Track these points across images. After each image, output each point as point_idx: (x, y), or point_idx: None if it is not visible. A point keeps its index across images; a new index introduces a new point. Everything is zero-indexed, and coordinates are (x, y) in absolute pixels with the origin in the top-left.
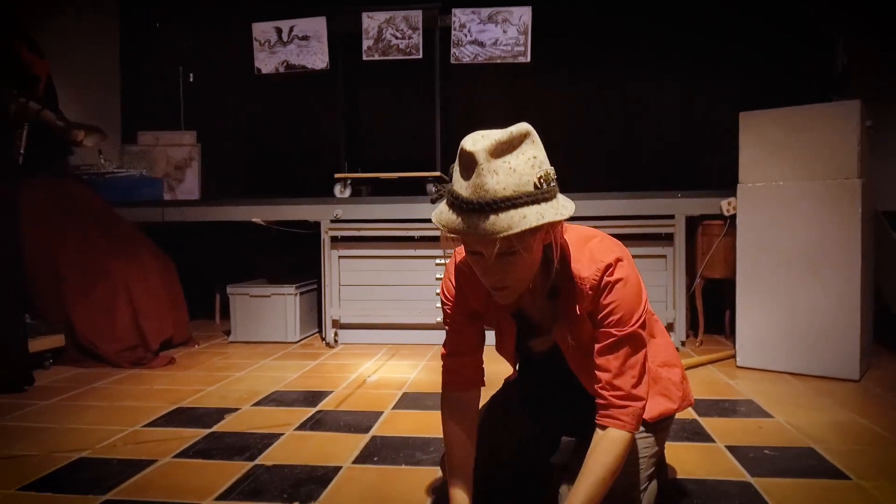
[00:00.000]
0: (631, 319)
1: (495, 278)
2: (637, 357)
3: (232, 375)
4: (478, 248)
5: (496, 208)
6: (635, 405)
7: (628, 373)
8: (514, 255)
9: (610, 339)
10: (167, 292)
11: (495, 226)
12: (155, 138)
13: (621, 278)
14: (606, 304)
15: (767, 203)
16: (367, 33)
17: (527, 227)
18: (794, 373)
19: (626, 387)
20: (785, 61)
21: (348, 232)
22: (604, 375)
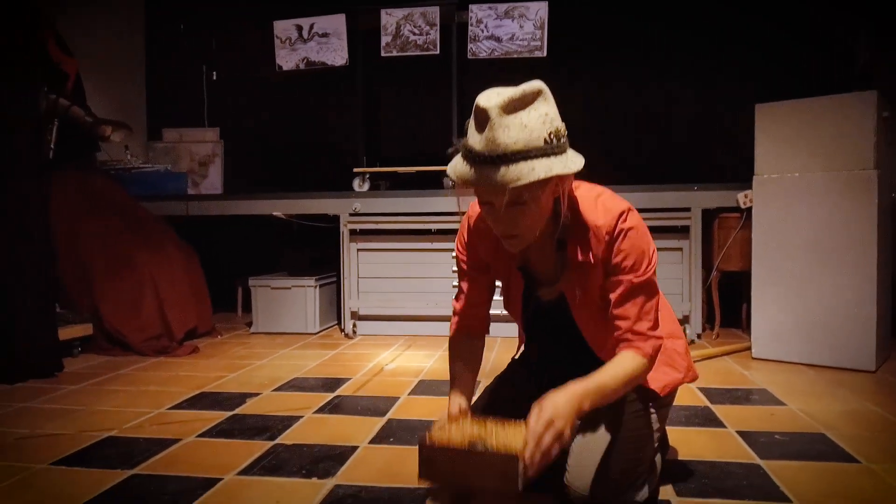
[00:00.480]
0: (645, 265)
1: (505, 227)
2: (652, 303)
3: (253, 363)
4: (489, 198)
5: (507, 160)
6: (655, 341)
7: (646, 318)
8: (523, 205)
9: (625, 287)
10: (191, 284)
11: (505, 177)
12: (179, 135)
13: (634, 226)
14: (622, 250)
15: (783, 194)
16: (386, 30)
17: (535, 178)
18: (810, 364)
19: (644, 329)
20: (805, 54)
21: (367, 225)
22: (623, 323)
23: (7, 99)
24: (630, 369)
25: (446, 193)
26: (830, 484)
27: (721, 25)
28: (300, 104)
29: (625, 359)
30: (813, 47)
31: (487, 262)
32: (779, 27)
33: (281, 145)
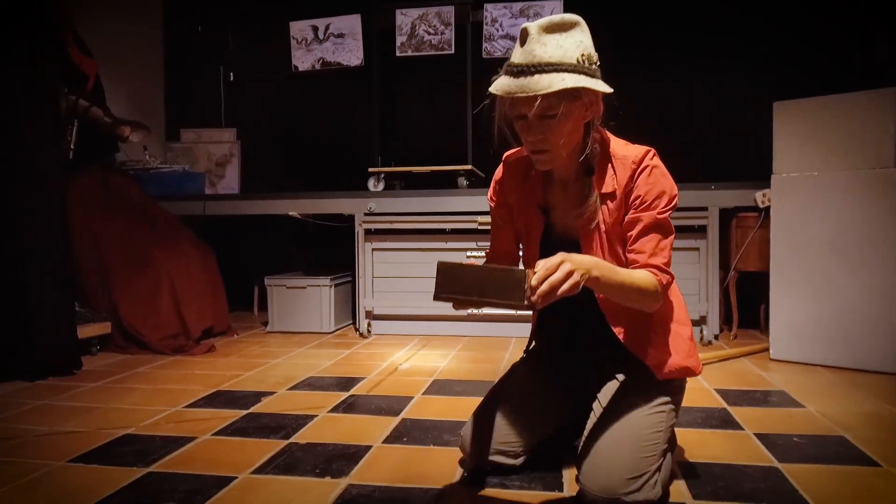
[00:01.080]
0: (664, 204)
1: (536, 139)
2: (667, 241)
3: (269, 362)
4: (524, 109)
5: (540, 70)
6: (668, 276)
7: (661, 254)
8: (553, 118)
9: (644, 224)
10: (208, 282)
11: (538, 84)
12: (197, 135)
13: (659, 166)
14: (647, 184)
15: (801, 193)
16: (401, 30)
17: (564, 86)
18: (829, 365)
19: (659, 263)
20: (822, 52)
21: (381, 225)
22: (639, 257)
23: (28, 100)
24: (641, 279)
25: (461, 193)
26: (850, 487)
27: (737, 22)
28: (316, 104)
29: (638, 271)
30: (830, 44)
31: (512, 205)
32: (795, 23)
33: (297, 145)
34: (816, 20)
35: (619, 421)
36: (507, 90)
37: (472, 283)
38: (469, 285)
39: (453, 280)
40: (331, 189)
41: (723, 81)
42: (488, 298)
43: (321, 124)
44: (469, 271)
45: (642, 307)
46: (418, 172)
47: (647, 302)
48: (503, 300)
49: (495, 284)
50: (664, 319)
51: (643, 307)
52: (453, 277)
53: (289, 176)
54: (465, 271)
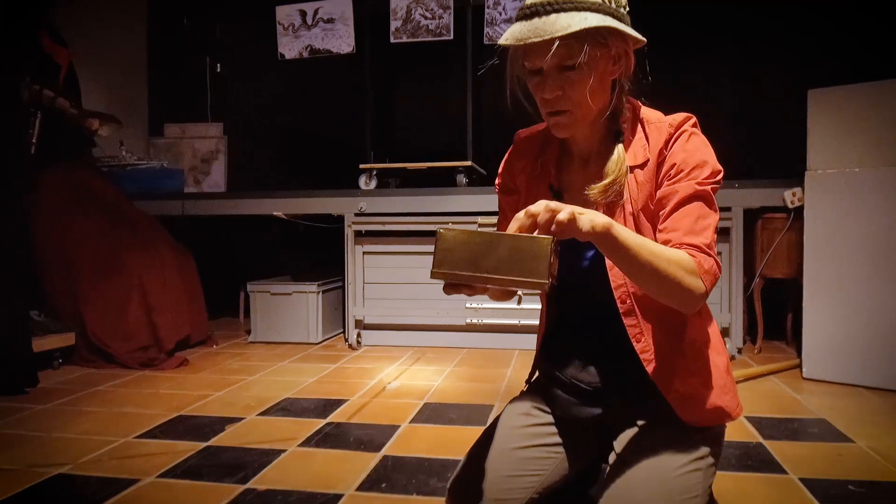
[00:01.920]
0: (707, 174)
1: (554, 95)
2: (710, 220)
3: (244, 379)
4: (537, 60)
5: (558, 8)
6: (711, 259)
7: (702, 233)
8: (574, 70)
9: (681, 196)
10: (185, 289)
11: (555, 24)
12: (181, 130)
13: (700, 134)
14: (685, 149)
15: (840, 192)
16: (395, 14)
17: (587, 25)
18: (870, 386)
19: (698, 242)
20: (858, 37)
21: (373, 226)
22: (672, 235)
23: None
24: (675, 256)
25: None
26: None
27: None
28: (307, 95)
29: (672, 248)
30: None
31: (520, 189)
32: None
33: (287, 140)
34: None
35: (643, 484)
36: (518, 37)
37: (481, 255)
38: (477, 258)
39: (457, 251)
40: (323, 186)
41: (748, 68)
42: (501, 275)
43: (312, 117)
44: (478, 240)
45: (675, 295)
46: (414, 169)
47: (684, 284)
48: (521, 276)
49: (511, 256)
50: (696, 344)
51: (677, 295)
52: (457, 248)
53: (279, 172)
54: (473, 240)
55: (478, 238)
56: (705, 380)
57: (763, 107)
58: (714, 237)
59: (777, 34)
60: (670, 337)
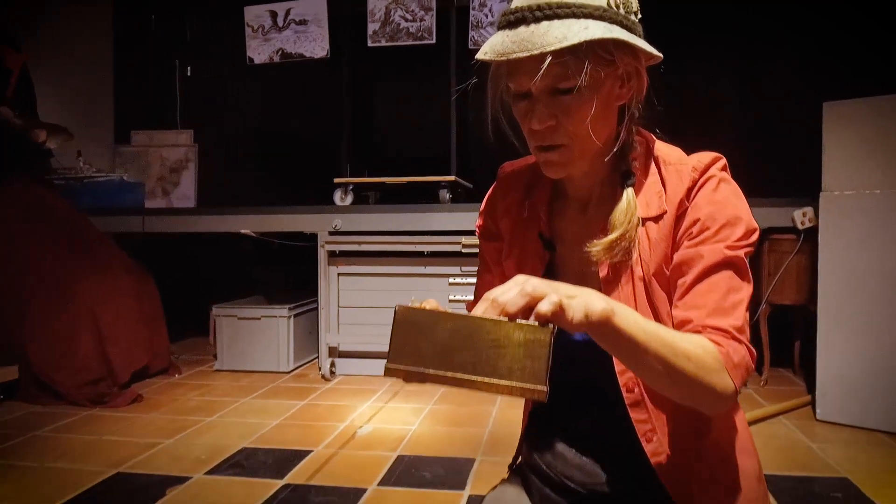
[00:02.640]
0: (740, 235)
1: (544, 126)
2: (742, 294)
3: (201, 421)
4: (523, 80)
5: (550, 14)
6: (742, 347)
7: (732, 313)
8: (571, 94)
9: (705, 263)
10: (143, 315)
11: (547, 35)
12: (149, 138)
13: (731, 182)
14: (713, 202)
15: (858, 216)
16: (373, 15)
17: (588, 37)
18: (893, 432)
19: (726, 326)
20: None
21: (348, 246)
22: (692, 314)
23: None
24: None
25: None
26: None
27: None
28: (283, 102)
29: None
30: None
31: (503, 234)
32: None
33: (261, 149)
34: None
35: None
36: (500, 50)
37: (455, 346)
38: (449, 350)
39: (422, 339)
40: (295, 201)
41: (755, 77)
42: (482, 376)
43: (287, 125)
44: (451, 325)
45: (696, 398)
46: (393, 184)
47: (706, 384)
48: (509, 380)
49: (497, 351)
50: (721, 444)
51: (698, 397)
52: (422, 334)
53: (252, 183)
54: (443, 324)
55: (450, 323)
56: (731, 488)
57: (774, 117)
58: (746, 317)
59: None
60: (689, 436)
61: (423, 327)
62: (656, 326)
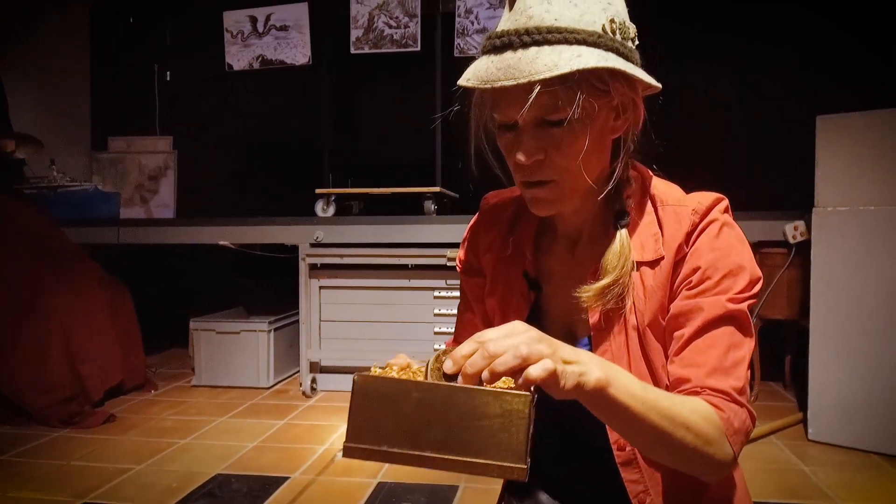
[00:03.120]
0: (742, 286)
1: (532, 161)
2: (744, 350)
3: (175, 444)
4: (509, 110)
5: (540, 40)
6: (743, 411)
7: (733, 372)
8: (561, 127)
9: (705, 316)
10: (117, 330)
11: (535, 62)
12: (127, 144)
13: (734, 226)
14: (714, 248)
15: (853, 232)
16: (356, 21)
17: (581, 66)
18: (889, 454)
19: (726, 387)
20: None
21: (331, 259)
22: (690, 373)
23: None
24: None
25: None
26: None
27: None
28: (265, 109)
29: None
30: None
31: (485, 270)
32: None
33: (242, 157)
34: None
35: None
36: (484, 77)
37: (423, 420)
38: (416, 426)
39: (384, 413)
40: (278, 211)
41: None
42: (453, 455)
43: (269, 132)
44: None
45: (693, 467)
46: (376, 194)
47: (704, 454)
48: (483, 457)
49: (468, 424)
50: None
51: (695, 466)
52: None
53: (232, 192)
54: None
55: (417, 392)
56: None
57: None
58: (748, 375)
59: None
60: (684, 496)
61: (385, 399)
62: (655, 395)
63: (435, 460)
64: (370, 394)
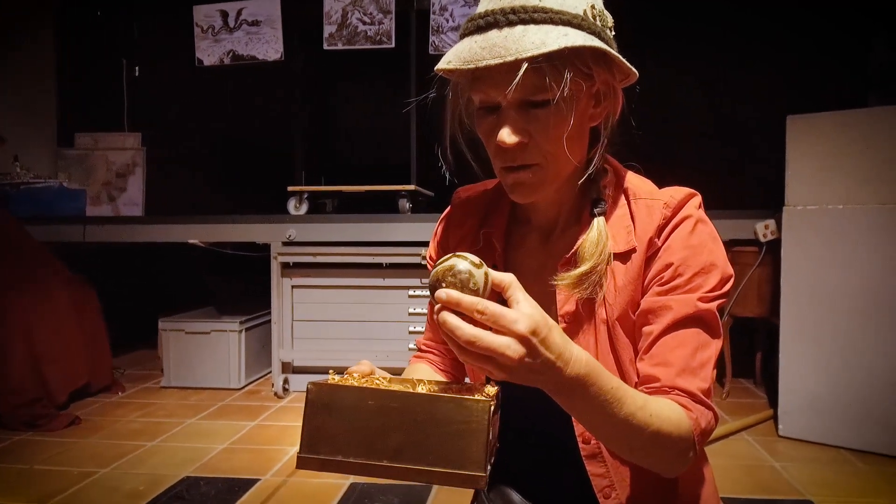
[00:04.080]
0: (713, 285)
1: (515, 142)
2: (711, 351)
3: (142, 446)
4: (493, 93)
5: (526, 18)
6: (710, 414)
7: (700, 372)
8: (547, 108)
9: (675, 315)
10: (83, 331)
11: (522, 40)
12: (94, 141)
13: (708, 223)
14: (687, 245)
15: (822, 231)
16: (330, 17)
17: (570, 44)
18: (857, 449)
19: (694, 389)
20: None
21: (303, 257)
22: (659, 372)
23: None
24: (664, 412)
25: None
26: None
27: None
28: (236, 105)
29: (659, 399)
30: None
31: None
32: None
33: (213, 154)
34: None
35: None
36: (467, 57)
37: (379, 429)
38: (371, 435)
39: (339, 422)
40: (250, 209)
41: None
42: (410, 464)
43: (241, 129)
44: (373, 403)
45: (657, 466)
46: (350, 192)
47: (667, 457)
48: (441, 466)
49: (426, 431)
50: (686, 499)
51: (660, 466)
52: (339, 416)
53: (203, 190)
54: (363, 403)
55: (373, 399)
56: None
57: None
58: (713, 375)
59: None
60: (652, 491)
61: (340, 408)
62: (629, 397)
63: (392, 469)
64: (325, 402)
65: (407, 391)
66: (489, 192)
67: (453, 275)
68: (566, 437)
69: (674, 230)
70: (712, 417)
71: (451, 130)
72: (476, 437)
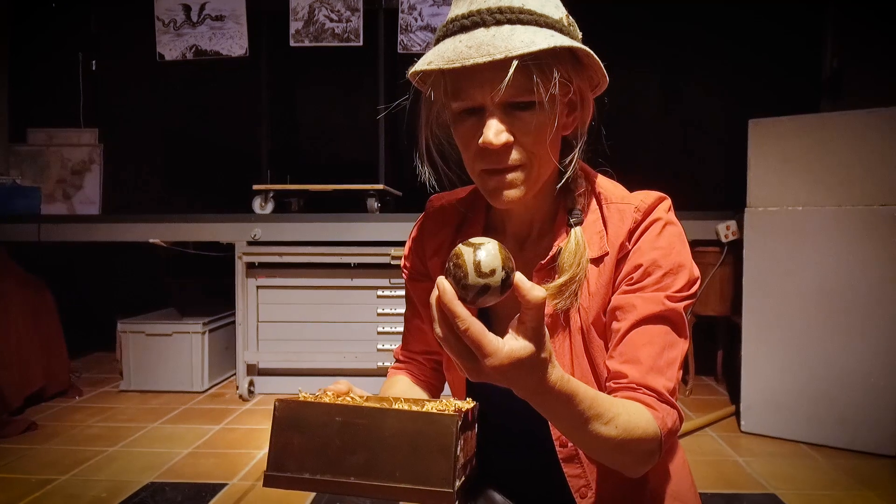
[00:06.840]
0: (682, 285)
1: (501, 143)
2: (678, 350)
3: (102, 452)
4: (478, 94)
5: (513, 18)
6: (675, 414)
7: (667, 370)
8: (531, 111)
9: (641, 313)
10: (38, 332)
11: (512, 38)
12: (48, 137)
13: (677, 225)
14: (656, 247)
15: (782, 232)
16: (296, 14)
17: (559, 44)
18: (815, 444)
19: (660, 387)
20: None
21: (268, 257)
22: (628, 370)
23: None
24: (633, 417)
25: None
26: None
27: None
28: (199, 101)
29: (627, 403)
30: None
31: (433, 275)
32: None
33: (175, 152)
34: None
35: None
36: (451, 57)
37: (346, 446)
38: (338, 452)
39: (304, 439)
40: (213, 208)
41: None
42: (377, 481)
43: (203, 126)
44: (341, 419)
45: (624, 467)
46: (317, 191)
47: (634, 460)
48: (409, 482)
49: (393, 447)
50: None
51: (626, 467)
52: (305, 434)
53: (164, 188)
54: (330, 419)
55: (341, 416)
56: None
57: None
58: (679, 375)
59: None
60: (628, 489)
61: (307, 425)
62: (598, 403)
63: (359, 487)
64: (291, 419)
65: (374, 407)
66: (464, 201)
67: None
68: (545, 438)
69: (643, 233)
70: (677, 417)
71: (426, 136)
72: (443, 453)
